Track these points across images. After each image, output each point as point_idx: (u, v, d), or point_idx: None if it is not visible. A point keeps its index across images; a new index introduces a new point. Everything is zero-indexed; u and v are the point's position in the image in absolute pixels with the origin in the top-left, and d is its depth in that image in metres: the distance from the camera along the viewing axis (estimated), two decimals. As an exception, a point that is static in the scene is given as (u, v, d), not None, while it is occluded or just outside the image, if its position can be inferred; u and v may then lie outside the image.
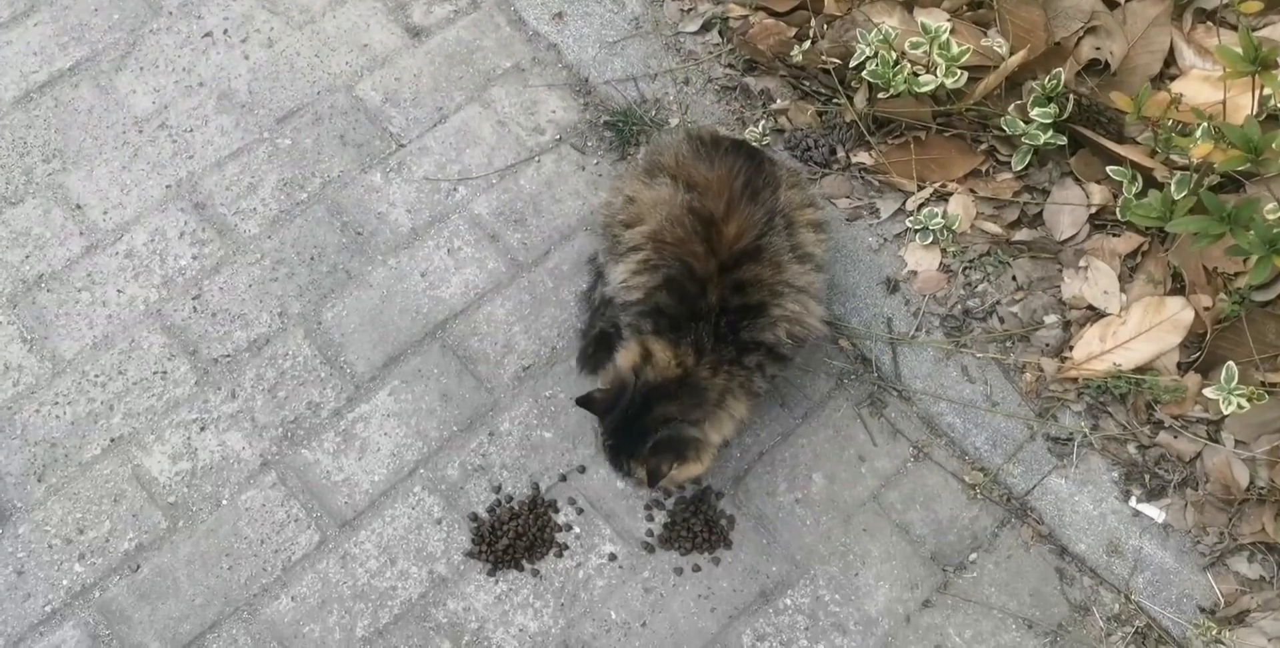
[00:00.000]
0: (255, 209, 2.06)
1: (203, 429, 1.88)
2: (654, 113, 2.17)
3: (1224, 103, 1.76)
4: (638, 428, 1.65)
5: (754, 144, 2.00)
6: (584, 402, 1.67)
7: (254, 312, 1.98)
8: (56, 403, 1.90)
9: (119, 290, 1.99)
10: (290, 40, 2.23)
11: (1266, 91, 1.71)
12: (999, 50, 1.98)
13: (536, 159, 2.14)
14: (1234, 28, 2.05)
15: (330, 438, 1.89)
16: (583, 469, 1.89)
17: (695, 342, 1.66)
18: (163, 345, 1.95)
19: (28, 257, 2.02)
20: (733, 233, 1.67)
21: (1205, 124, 1.72)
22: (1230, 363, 1.82)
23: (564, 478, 1.89)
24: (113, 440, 1.87)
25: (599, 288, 1.92)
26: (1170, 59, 2.06)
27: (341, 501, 1.85)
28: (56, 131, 2.13)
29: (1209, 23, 2.08)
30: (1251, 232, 1.51)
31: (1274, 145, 1.63)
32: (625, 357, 1.70)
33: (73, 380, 1.92)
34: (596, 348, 1.92)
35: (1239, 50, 1.59)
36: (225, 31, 2.23)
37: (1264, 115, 1.78)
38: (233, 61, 2.21)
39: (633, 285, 1.74)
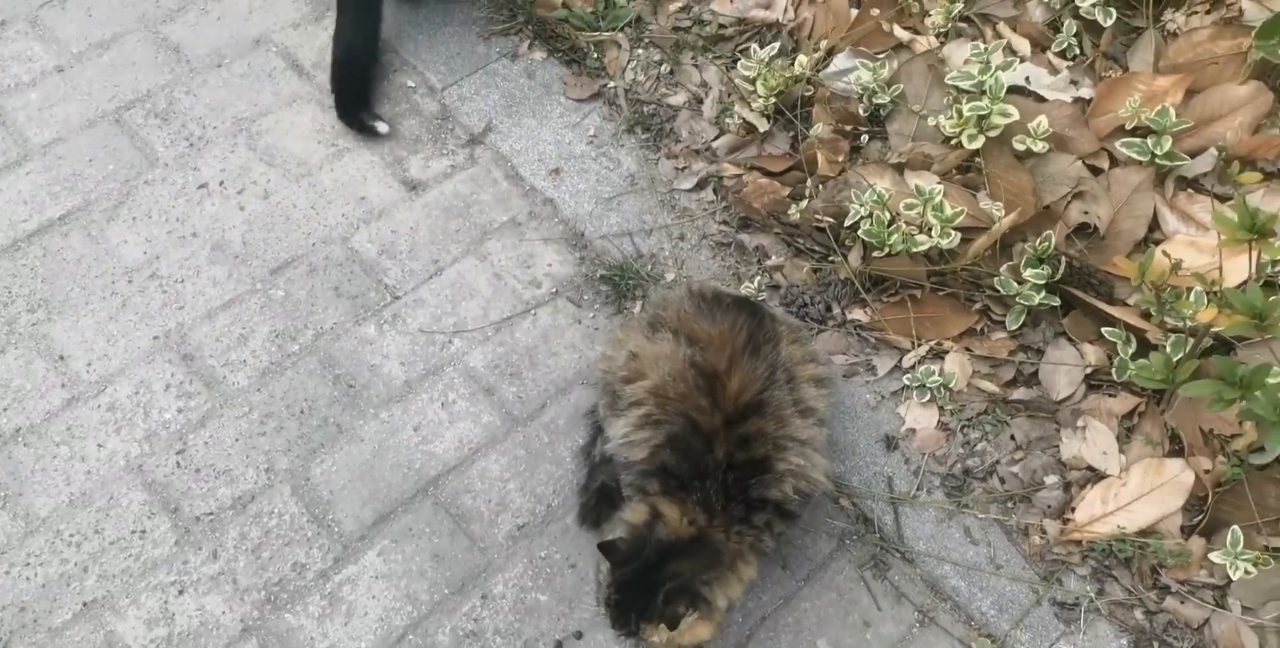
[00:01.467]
0: (245, 361, 2.11)
1: (181, 592, 1.87)
2: (650, 267, 2.27)
3: (1220, 268, 1.88)
4: (649, 584, 1.66)
5: (755, 300, 2.09)
6: (606, 547, 1.67)
7: (240, 467, 1.99)
8: (28, 564, 1.88)
9: (99, 445, 2.01)
10: (287, 192, 2.33)
11: (1265, 257, 1.84)
12: (994, 212, 2.11)
13: (533, 312, 2.22)
14: (1214, 195, 2.21)
15: (315, 601, 1.88)
16: (579, 635, 1.89)
17: (704, 501, 1.71)
18: (143, 503, 1.95)
19: (5, 409, 2.04)
20: (736, 387, 1.74)
21: (1200, 288, 1.83)
22: (1235, 527, 1.88)
23: (560, 645, 1.88)
24: (85, 604, 1.85)
25: (599, 444, 1.97)
26: (1154, 224, 2.21)
27: (324, 670, 1.83)
28: (43, 281, 2.18)
29: (1189, 190, 2.23)
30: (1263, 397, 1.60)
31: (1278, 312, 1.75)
32: (633, 516, 1.73)
33: (46, 540, 1.91)
34: (598, 501, 1.95)
35: (1234, 218, 1.72)
36: (221, 183, 2.33)
37: (1262, 281, 1.90)
38: (227, 212, 2.29)
39: (635, 441, 1.79)
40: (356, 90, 2.40)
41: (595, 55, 2.55)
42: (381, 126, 2.37)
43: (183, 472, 1.99)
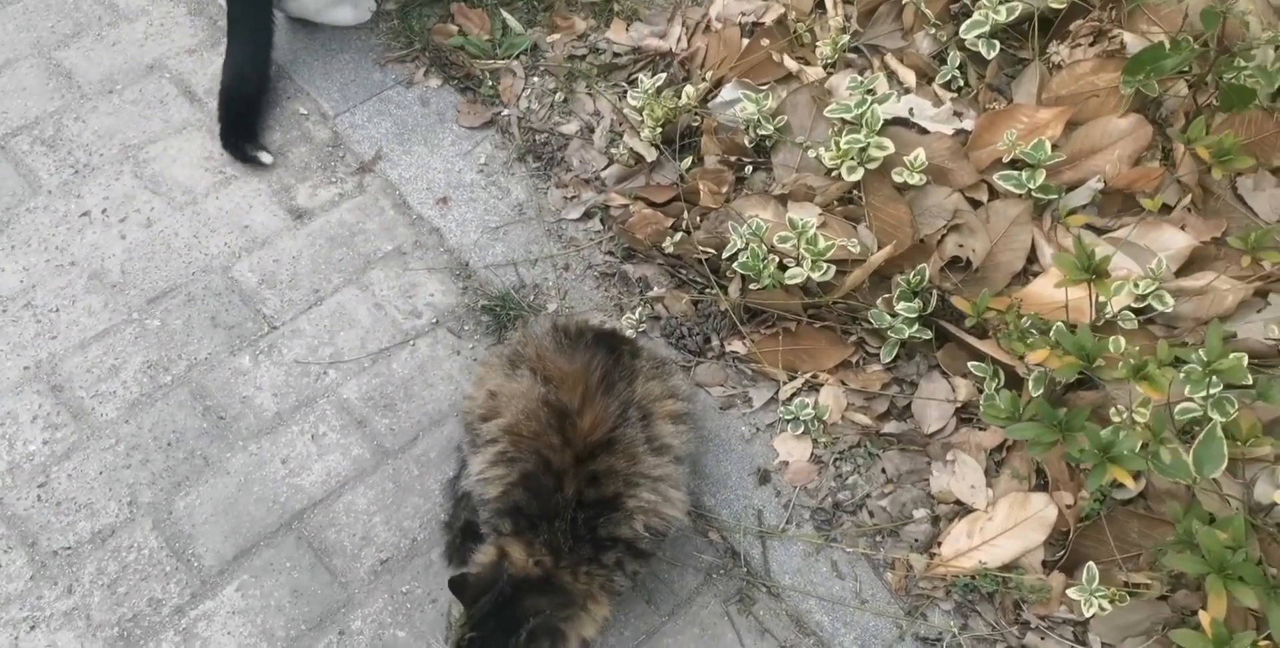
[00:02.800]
0: (115, 392, 2.13)
1: (32, 628, 1.89)
2: (532, 298, 2.30)
3: (1066, 307, 1.92)
4: (507, 619, 1.68)
5: (623, 334, 2.13)
6: (456, 584, 1.70)
7: (102, 500, 2.02)
8: (-123, 599, 1.90)
9: (-39, 477, 2.03)
10: (170, 221, 2.36)
11: (1103, 300, 1.88)
12: (863, 246, 2.14)
13: (411, 343, 2.25)
14: (1091, 228, 2.26)
15: (170, 638, 1.90)
16: (435, 672, 1.92)
17: (551, 542, 1.73)
18: None
19: None
20: (587, 425, 1.78)
21: (1038, 328, 1.88)
22: (1091, 563, 1.92)
23: (414, 681, 1.91)
24: (-67, 641, 1.88)
25: (462, 478, 1.99)
26: (1033, 256, 2.25)
27: (176, 706, 1.86)
28: (-83, 310, 2.21)
29: (1065, 223, 2.27)
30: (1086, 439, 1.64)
31: (1112, 350, 1.79)
32: (483, 557, 1.76)
33: (-102, 574, 1.93)
34: (464, 539, 1.98)
35: (1074, 259, 1.77)
36: (104, 211, 2.36)
37: (1102, 321, 1.94)
38: (108, 241, 2.32)
39: (489, 478, 1.82)
40: (242, 120, 2.43)
41: (490, 83, 2.59)
42: (265, 157, 2.40)
43: (43, 505, 2.01)
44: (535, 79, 2.61)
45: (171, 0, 2.72)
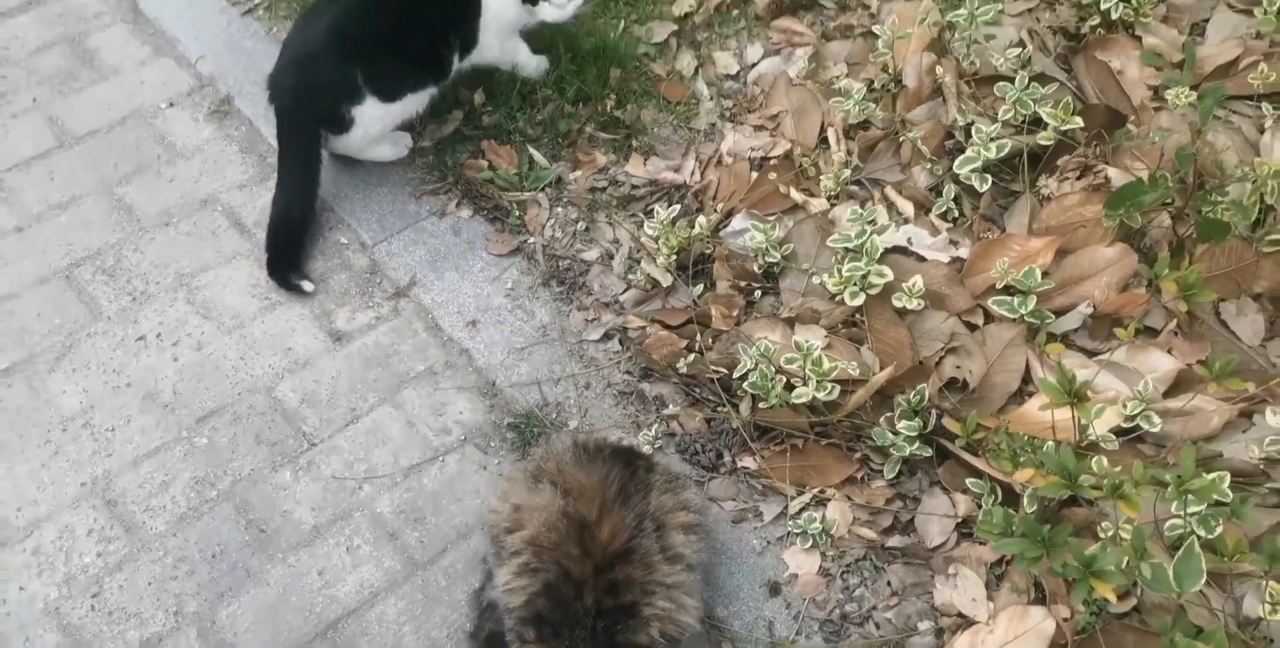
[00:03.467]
0: (165, 507, 2.29)
1: (81, 735, 2.02)
2: (555, 415, 2.46)
3: (1053, 428, 2.06)
4: None
5: (639, 450, 2.28)
6: None
7: (150, 610, 2.16)
8: (-59, 705, 2.04)
9: (21, 588, 2.18)
10: (218, 344, 2.55)
11: (1084, 422, 2.02)
12: (865, 367, 2.30)
13: (441, 459, 2.41)
14: (1082, 350, 2.41)
15: (209, 746, 2.02)
16: None
17: None
18: (56, 645, 2.11)
19: (-64, 553, 2.22)
20: (605, 535, 1.92)
21: (1031, 447, 2.01)
22: (1087, 677, 2.01)
23: None
24: (-10, 746, 2.00)
25: (488, 589, 2.13)
26: (1027, 377, 2.39)
27: None
28: (-16, 429, 2.40)
29: (1063, 345, 2.42)
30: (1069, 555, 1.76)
31: (1095, 469, 1.92)
32: None
33: (-40, 682, 2.07)
34: (489, 646, 2.10)
35: (1056, 384, 1.91)
36: (159, 335, 2.56)
37: (1085, 442, 2.08)
38: (162, 363, 2.51)
39: (514, 588, 1.95)
40: (288, 251, 2.64)
41: (517, 213, 2.80)
42: (307, 286, 2.61)
43: (96, 614, 2.15)
44: (559, 209, 2.82)
45: (225, 139, 2.97)
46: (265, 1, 3.26)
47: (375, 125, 2.64)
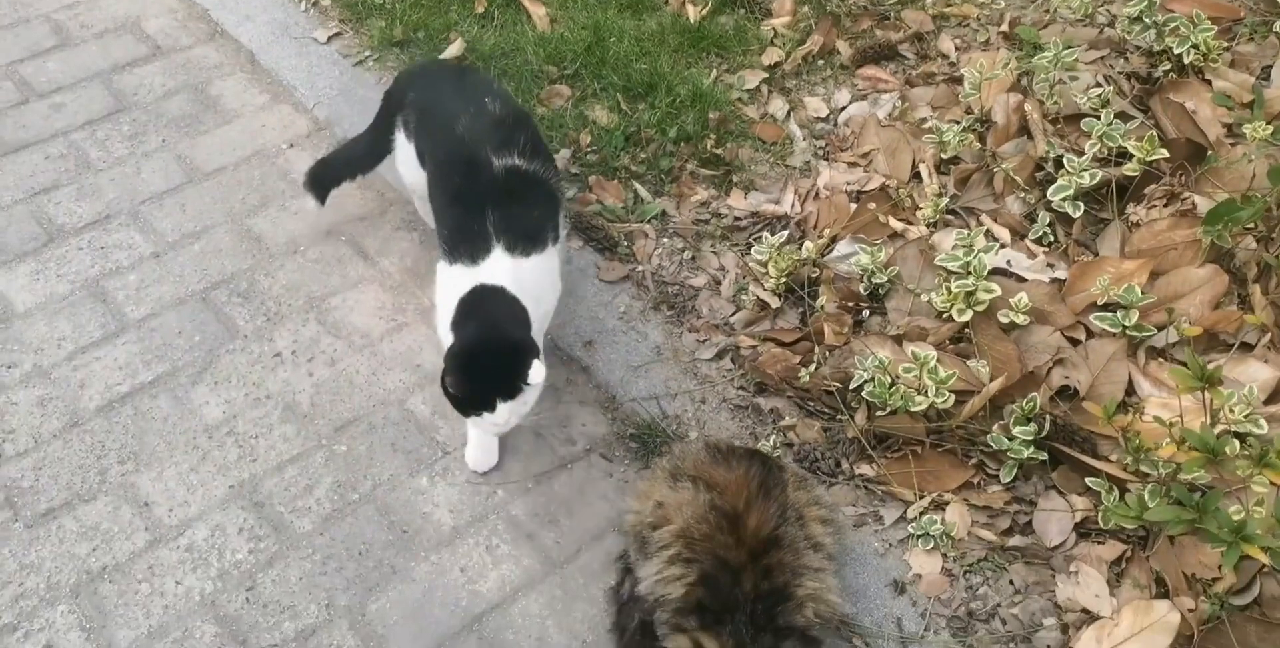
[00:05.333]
0: (310, 508, 2.39)
1: (247, 719, 2.08)
2: (675, 427, 2.57)
3: (1180, 416, 2.17)
4: None
5: (765, 452, 2.38)
6: None
7: (303, 603, 2.24)
8: (109, 689, 2.11)
9: (177, 582, 2.26)
10: (350, 361, 2.68)
11: (1217, 404, 2.13)
12: (981, 374, 2.42)
13: (568, 467, 2.51)
14: (1180, 363, 2.53)
15: (369, 730, 2.08)
16: (611, 765, 2.07)
17: (735, 633, 1.94)
18: (214, 634, 2.19)
19: (94, 549, 2.31)
20: (754, 524, 2.02)
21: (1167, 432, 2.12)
22: (1217, 664, 2.08)
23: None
24: (161, 728, 2.06)
25: (626, 584, 2.21)
26: (1130, 390, 2.51)
27: None
28: (133, 437, 2.50)
29: (1160, 359, 2.55)
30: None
31: (1227, 450, 2.03)
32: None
33: (126, 668, 2.14)
34: (642, 636, 2.16)
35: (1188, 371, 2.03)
36: (293, 352, 2.68)
37: (1216, 427, 2.18)
38: (298, 378, 2.63)
39: (668, 578, 2.04)
40: (327, 177, 2.85)
41: (625, 243, 2.95)
42: (313, 204, 2.85)
43: (251, 607, 2.23)
44: (665, 240, 2.98)
45: (343, 176, 3.14)
46: (375, 54, 3.47)
47: None
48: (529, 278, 2.29)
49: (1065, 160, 2.72)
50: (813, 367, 2.55)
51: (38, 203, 3.04)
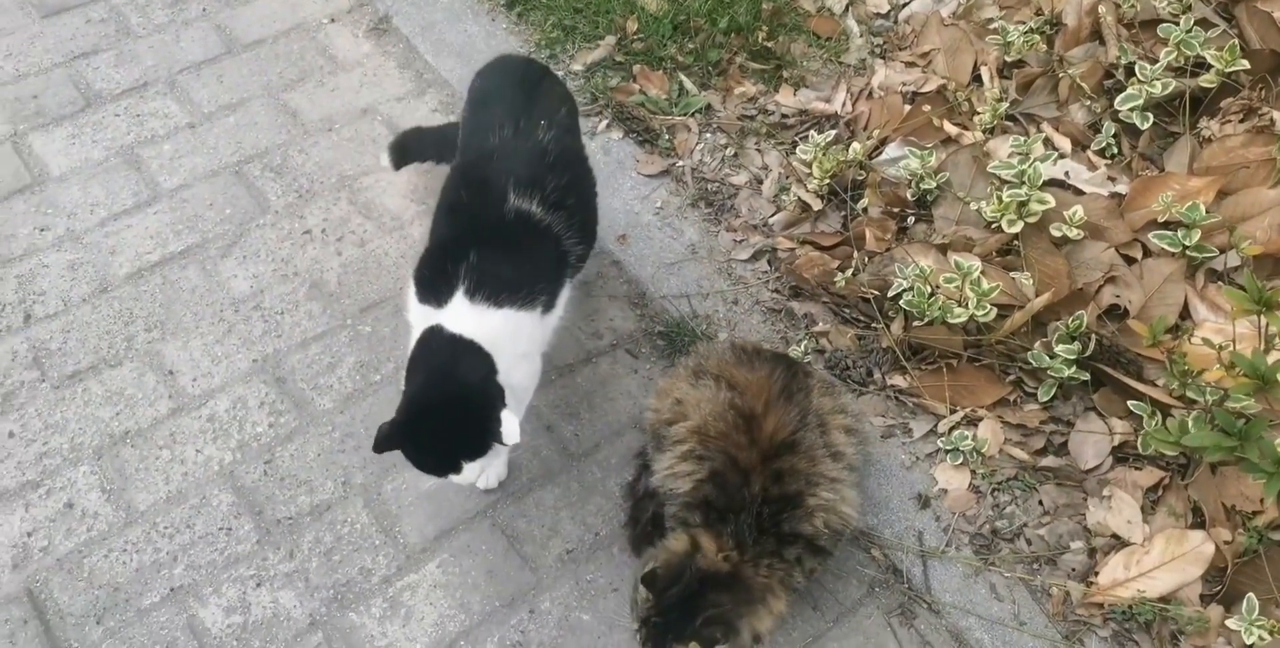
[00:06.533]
0: (332, 386, 2.35)
1: (259, 585, 2.07)
2: (704, 327, 2.49)
3: (1234, 339, 2.04)
4: (689, 609, 1.81)
5: (793, 357, 2.29)
6: (648, 578, 1.83)
7: (319, 479, 2.21)
8: (125, 550, 2.10)
9: (197, 450, 2.24)
10: (380, 242, 2.60)
11: (1273, 330, 2.00)
12: (1026, 289, 2.30)
13: (593, 360, 2.44)
14: (1240, 287, 2.39)
15: (378, 603, 2.06)
16: (616, 656, 2.05)
17: (737, 533, 1.88)
18: (231, 504, 2.17)
19: (118, 414, 2.29)
20: (771, 427, 1.94)
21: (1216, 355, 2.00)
22: (1250, 595, 1.99)
23: (596, 663, 2.04)
24: (172, 590, 2.06)
25: (644, 479, 2.16)
26: (1185, 313, 2.38)
27: (378, 669, 2.01)
28: (160, 306, 2.46)
29: (1220, 283, 2.41)
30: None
31: (1279, 377, 1.91)
32: (675, 544, 1.91)
33: (143, 531, 2.13)
34: (652, 527, 2.11)
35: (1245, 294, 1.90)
36: (323, 230, 2.62)
37: (1269, 352, 2.06)
38: (327, 256, 2.57)
39: (678, 473, 1.98)
40: (409, 149, 2.63)
41: (666, 137, 2.83)
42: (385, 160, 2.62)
43: (269, 479, 2.21)
44: (708, 135, 2.85)
45: (383, 55, 3.03)
46: (423, -71, 3.32)
47: None
48: (493, 336, 1.83)
49: (1137, 68, 2.54)
50: (850, 272, 2.44)
51: (76, 67, 2.96)
